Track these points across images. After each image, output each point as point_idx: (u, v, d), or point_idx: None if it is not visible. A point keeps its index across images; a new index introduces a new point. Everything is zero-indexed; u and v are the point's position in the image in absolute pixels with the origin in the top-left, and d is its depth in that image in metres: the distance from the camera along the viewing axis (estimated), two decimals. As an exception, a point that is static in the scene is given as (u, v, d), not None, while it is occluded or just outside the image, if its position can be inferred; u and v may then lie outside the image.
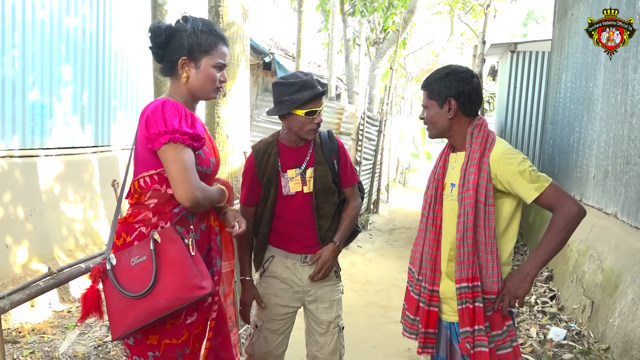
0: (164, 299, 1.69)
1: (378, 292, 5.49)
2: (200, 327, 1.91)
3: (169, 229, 1.77)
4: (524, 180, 1.88)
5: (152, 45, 1.88)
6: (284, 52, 11.23)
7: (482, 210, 1.92)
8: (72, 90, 5.37)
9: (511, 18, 27.48)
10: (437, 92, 2.00)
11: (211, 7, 4.06)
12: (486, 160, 1.93)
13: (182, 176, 1.72)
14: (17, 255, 4.34)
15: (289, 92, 2.32)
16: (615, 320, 3.63)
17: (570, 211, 1.87)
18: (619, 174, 4.50)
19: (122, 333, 1.71)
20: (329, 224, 2.47)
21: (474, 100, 2.01)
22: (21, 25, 4.67)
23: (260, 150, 2.48)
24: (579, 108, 6.01)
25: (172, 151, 1.72)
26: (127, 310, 1.70)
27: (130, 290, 1.70)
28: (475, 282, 1.92)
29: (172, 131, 1.71)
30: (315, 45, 18.41)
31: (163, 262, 1.72)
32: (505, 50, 10.32)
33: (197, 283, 1.73)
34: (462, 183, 1.97)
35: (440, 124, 2.04)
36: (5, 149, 4.55)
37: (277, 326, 2.51)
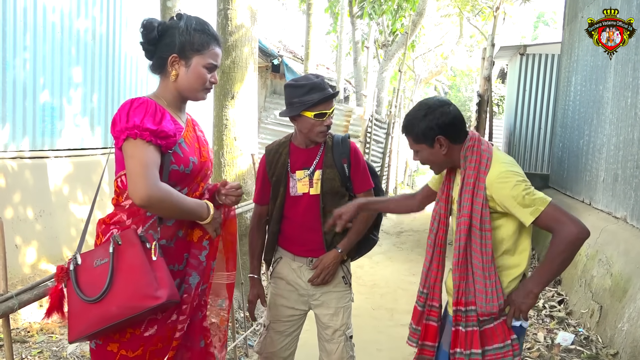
0: (115, 305, 1.60)
1: (385, 295, 5.47)
2: (160, 344, 1.76)
3: (129, 231, 1.69)
4: (518, 205, 1.84)
5: (143, 41, 1.82)
6: (292, 55, 11.26)
7: (477, 235, 1.89)
8: (82, 92, 5.42)
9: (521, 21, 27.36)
10: (422, 135, 1.97)
11: (220, 10, 4.09)
12: (482, 185, 1.90)
13: (135, 172, 1.63)
14: (27, 256, 4.39)
15: (299, 94, 2.32)
16: (624, 325, 3.60)
17: (569, 233, 1.81)
18: (629, 178, 4.47)
19: (75, 337, 1.64)
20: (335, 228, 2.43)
21: (459, 127, 1.98)
22: (32, 28, 4.71)
23: (272, 150, 2.51)
24: (588, 111, 5.98)
25: (130, 147, 1.66)
26: (81, 314, 1.63)
27: (87, 294, 1.63)
28: (470, 307, 1.91)
29: (131, 127, 1.65)
30: (324, 48, 18.45)
31: (120, 266, 1.64)
32: (515, 52, 10.29)
33: (150, 292, 1.61)
34: (459, 206, 1.96)
35: (438, 161, 2.02)
36: (16, 150, 4.59)
37: (283, 327, 2.51)
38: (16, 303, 1.69)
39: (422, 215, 10.96)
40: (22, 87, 4.65)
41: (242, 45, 4.11)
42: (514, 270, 1.96)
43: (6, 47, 4.46)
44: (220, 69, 4.12)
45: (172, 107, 1.84)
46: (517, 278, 1.98)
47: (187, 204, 1.75)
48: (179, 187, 1.79)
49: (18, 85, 4.60)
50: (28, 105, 4.72)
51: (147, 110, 1.70)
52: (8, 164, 4.45)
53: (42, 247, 4.55)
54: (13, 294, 1.72)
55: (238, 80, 4.12)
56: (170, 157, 1.75)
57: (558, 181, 7.32)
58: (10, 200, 4.37)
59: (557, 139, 7.65)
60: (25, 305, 1.73)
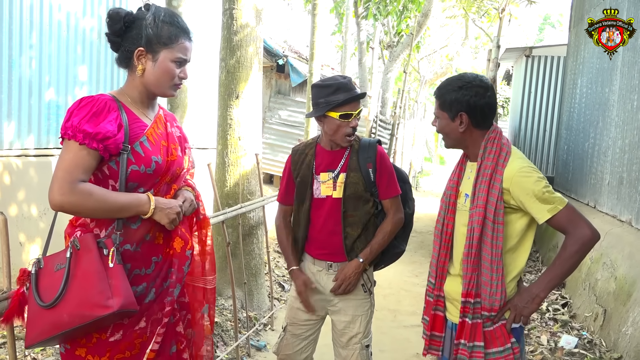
0: (66, 313, 1.55)
1: (388, 296, 5.46)
2: (128, 351, 1.70)
3: (88, 236, 1.63)
4: (537, 200, 1.83)
5: (108, 32, 1.73)
6: (297, 55, 11.26)
7: (490, 227, 1.87)
8: (88, 91, 5.43)
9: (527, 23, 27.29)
10: (448, 104, 1.94)
11: (225, 9, 4.09)
12: (499, 177, 1.87)
13: (54, 175, 1.58)
14: (30, 253, 4.40)
15: (325, 94, 2.29)
16: (628, 329, 3.58)
17: (583, 235, 1.81)
18: (634, 181, 4.45)
19: (30, 342, 1.59)
20: (359, 233, 2.39)
21: (487, 115, 1.95)
22: (38, 26, 4.73)
23: (299, 150, 2.49)
24: (594, 114, 5.95)
25: (63, 147, 1.61)
26: (37, 319, 1.58)
27: (44, 299, 1.58)
28: (477, 299, 1.90)
29: (68, 127, 1.60)
30: (329, 48, 18.44)
31: (76, 272, 1.58)
32: (520, 54, 10.25)
33: (101, 301, 1.54)
34: (472, 198, 1.93)
35: (452, 135, 1.99)
36: (21, 148, 4.61)
37: (300, 331, 2.49)
38: (19, 302, 1.69)
39: (426, 216, 10.95)
40: (28, 85, 4.67)
41: (247, 45, 4.11)
42: (513, 270, 1.95)
43: (12, 45, 4.47)
44: (225, 68, 4.13)
45: (137, 103, 1.77)
46: (515, 278, 1.97)
47: (115, 201, 1.64)
48: (143, 189, 1.72)
49: (24, 83, 4.62)
50: (33, 103, 4.74)
51: (90, 110, 1.62)
52: (13, 162, 4.47)
53: (46, 244, 4.56)
54: (16, 291, 1.72)
55: (242, 79, 4.12)
56: (130, 156, 1.67)
57: (563, 184, 7.29)
58: (14, 198, 4.39)
59: (562, 141, 7.62)
60: (27, 302, 1.73)
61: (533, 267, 6.30)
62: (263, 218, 4.30)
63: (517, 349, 1.93)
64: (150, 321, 1.75)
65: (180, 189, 1.87)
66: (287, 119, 10.58)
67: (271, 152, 10.41)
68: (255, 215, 4.27)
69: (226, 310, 4.13)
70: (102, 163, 1.66)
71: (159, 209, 1.70)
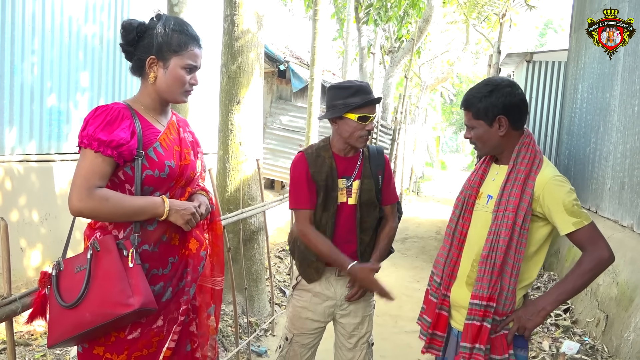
0: (88, 312, 1.61)
1: (389, 302, 5.45)
2: (145, 350, 1.76)
3: (107, 237, 1.69)
4: (565, 211, 1.82)
5: (122, 42, 1.80)
6: (298, 60, 11.29)
7: (517, 232, 1.85)
8: (89, 97, 5.45)
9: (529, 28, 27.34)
10: (483, 111, 1.90)
11: (226, 15, 4.11)
12: (531, 183, 1.86)
13: (72, 182, 1.66)
14: (31, 259, 4.40)
15: (343, 96, 2.28)
16: (630, 334, 3.56)
17: (602, 256, 1.81)
18: (636, 186, 4.44)
19: (52, 342, 1.65)
20: (369, 239, 2.42)
21: (523, 112, 1.94)
22: (40, 32, 4.75)
23: (313, 154, 2.39)
24: (595, 119, 5.95)
25: (80, 156, 1.69)
26: (59, 319, 1.65)
27: (65, 299, 1.64)
28: (491, 303, 1.87)
29: (84, 136, 1.67)
30: (331, 54, 18.48)
31: (97, 273, 1.64)
32: (521, 60, 10.26)
33: (122, 300, 1.61)
34: (499, 201, 1.90)
35: (492, 142, 1.95)
36: (22, 154, 4.62)
37: (308, 340, 2.48)
38: (19, 306, 1.70)
39: (427, 222, 10.94)
40: (30, 90, 4.68)
41: (248, 51, 4.12)
42: (526, 279, 1.94)
43: (14, 51, 4.49)
44: (226, 74, 4.14)
45: (150, 110, 1.82)
46: (525, 288, 1.95)
47: (131, 205, 1.69)
48: (158, 193, 1.77)
49: (25, 89, 4.64)
50: (35, 109, 4.76)
51: (104, 119, 1.69)
52: (14, 167, 4.48)
53: (46, 250, 4.56)
54: (16, 296, 1.72)
55: (244, 85, 4.13)
56: (144, 161, 1.73)
57: (564, 189, 7.28)
58: (16, 203, 4.39)
59: (564, 146, 7.62)
60: (28, 308, 1.74)
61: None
62: (264, 223, 4.30)
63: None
64: (167, 320, 1.81)
65: (194, 193, 1.93)
66: (288, 124, 10.60)
67: (272, 158, 10.41)
68: (256, 220, 4.27)
69: (227, 315, 4.12)
70: (117, 169, 1.72)
71: (174, 211, 1.76)
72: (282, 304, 4.86)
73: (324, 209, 2.36)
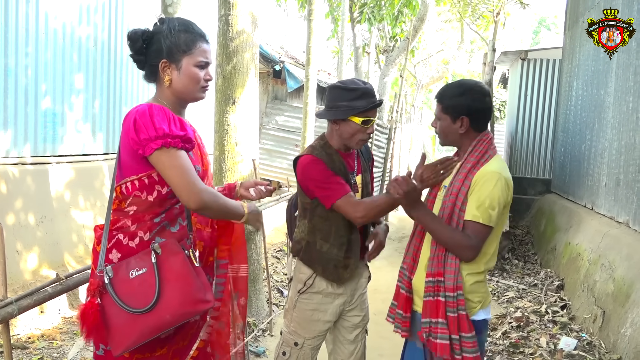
0: (169, 313, 1.64)
1: (386, 301, 5.41)
2: (182, 342, 1.83)
3: (169, 241, 1.73)
4: (476, 203, 1.97)
5: (131, 53, 1.81)
6: (294, 60, 11.28)
7: (456, 214, 2.02)
8: (84, 99, 5.43)
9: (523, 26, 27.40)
10: (451, 108, 2.09)
11: (221, 15, 4.10)
12: (474, 172, 2.02)
13: (184, 180, 1.65)
14: (28, 262, 4.38)
15: (349, 98, 2.26)
16: (627, 330, 3.58)
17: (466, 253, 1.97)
18: (631, 183, 4.46)
19: (126, 349, 1.66)
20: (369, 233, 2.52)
21: (485, 117, 2.12)
22: (34, 35, 4.73)
23: (322, 152, 2.34)
24: (590, 116, 5.97)
25: (165, 156, 1.65)
26: (130, 326, 1.64)
27: (131, 305, 1.64)
28: (439, 278, 2.01)
29: (163, 136, 1.65)
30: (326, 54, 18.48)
31: (166, 275, 1.67)
32: (516, 58, 10.29)
33: (201, 297, 1.70)
34: (448, 187, 2.09)
35: (451, 137, 2.14)
36: (17, 156, 4.60)
37: (319, 342, 2.47)
38: (16, 309, 1.69)
39: (424, 220, 10.94)
40: (24, 93, 4.67)
41: (243, 51, 4.12)
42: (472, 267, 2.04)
43: (8, 53, 4.47)
44: (221, 74, 4.14)
45: (174, 112, 1.81)
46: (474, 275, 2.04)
47: (230, 204, 1.82)
48: None
49: (20, 91, 4.62)
50: (30, 111, 4.74)
51: (168, 116, 1.71)
52: (9, 170, 4.46)
53: (43, 253, 4.54)
54: (12, 299, 1.72)
55: (239, 85, 4.12)
56: None
57: (560, 186, 7.30)
58: (11, 206, 4.38)
59: (559, 143, 7.65)
60: (24, 311, 1.73)
61: (532, 269, 6.31)
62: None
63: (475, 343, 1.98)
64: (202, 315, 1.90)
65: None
66: (284, 125, 10.59)
67: (268, 158, 10.41)
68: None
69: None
70: (152, 169, 1.71)
71: (251, 215, 1.89)
72: (279, 304, 4.86)
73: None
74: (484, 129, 2.12)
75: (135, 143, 1.66)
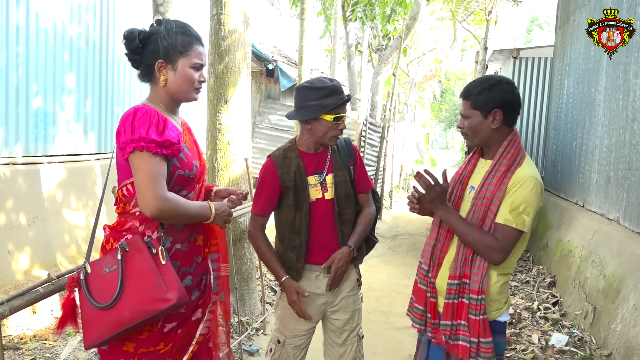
0: (127, 310, 1.66)
1: (380, 299, 5.48)
2: (184, 339, 1.88)
3: (136, 238, 1.74)
4: (510, 207, 1.93)
5: (127, 52, 1.85)
6: (287, 59, 11.28)
7: (489, 218, 1.96)
8: (76, 98, 5.41)
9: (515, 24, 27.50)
10: (482, 102, 2.00)
11: (213, 15, 4.09)
12: (510, 176, 1.96)
13: (143, 185, 1.68)
14: (20, 262, 4.37)
15: (318, 97, 2.27)
16: (617, 326, 3.61)
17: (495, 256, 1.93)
18: (621, 180, 4.49)
19: (91, 343, 1.70)
20: (350, 231, 2.43)
21: (517, 111, 2.05)
22: (25, 34, 4.71)
23: (280, 155, 2.39)
24: (581, 114, 6.01)
25: (137, 160, 1.69)
26: (95, 321, 1.68)
27: (99, 301, 1.68)
28: (465, 279, 1.98)
29: (137, 139, 1.68)
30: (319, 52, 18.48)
31: (129, 272, 1.69)
32: (508, 56, 10.33)
33: (160, 295, 1.68)
34: (479, 190, 2.01)
35: (483, 134, 2.04)
36: (9, 157, 4.58)
37: (301, 341, 2.48)
38: (7, 309, 1.69)
39: (418, 218, 10.97)
40: (15, 93, 4.64)
41: (235, 50, 4.11)
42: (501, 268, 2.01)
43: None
44: (213, 73, 4.13)
45: (167, 112, 1.86)
46: (503, 276, 2.02)
47: (193, 208, 1.82)
48: (184, 192, 1.86)
49: (11, 91, 4.59)
50: (21, 111, 4.71)
51: (150, 120, 1.73)
52: (1, 170, 4.44)
53: (35, 253, 4.53)
54: (4, 300, 1.71)
55: (231, 84, 4.12)
56: (177, 162, 1.80)
57: (552, 183, 7.35)
58: (3, 207, 4.35)
59: (551, 141, 7.69)
60: (16, 311, 1.73)
61: (524, 266, 6.34)
62: (254, 222, 4.29)
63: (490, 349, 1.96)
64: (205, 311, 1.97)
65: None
66: (278, 124, 10.59)
67: (262, 157, 10.39)
68: (245, 220, 4.26)
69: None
70: None
71: (217, 216, 1.90)
72: (273, 303, 4.86)
73: (297, 209, 2.36)
74: (514, 124, 2.06)
75: (118, 147, 1.74)
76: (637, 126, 4.22)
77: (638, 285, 3.57)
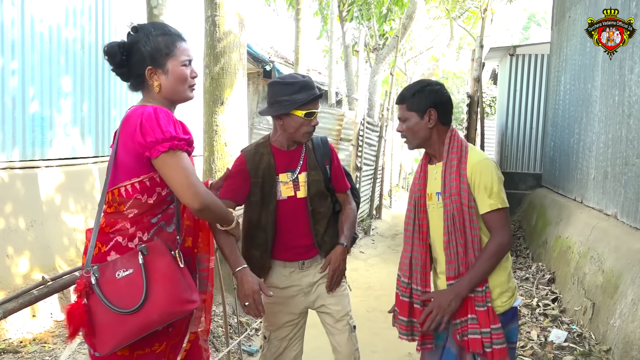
0: (156, 313, 1.66)
1: (380, 297, 5.48)
2: (176, 337, 1.88)
3: (157, 242, 1.75)
4: (486, 192, 2.01)
5: (112, 68, 1.81)
6: (284, 60, 11.28)
7: (466, 212, 2.03)
8: (72, 102, 5.41)
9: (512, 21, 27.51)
10: (416, 104, 2.10)
11: (207, 16, 4.10)
12: (464, 167, 2.05)
13: (187, 182, 1.70)
14: (19, 266, 4.37)
15: (289, 92, 2.27)
16: (615, 321, 3.62)
17: (502, 241, 2.00)
18: (618, 175, 4.50)
19: (112, 348, 1.66)
20: (325, 229, 2.43)
21: (449, 110, 2.14)
22: (20, 38, 4.71)
23: (251, 150, 2.39)
24: (578, 110, 6.02)
25: (173, 158, 1.69)
26: (117, 326, 1.65)
27: (119, 305, 1.65)
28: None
29: (170, 138, 1.67)
30: (316, 53, 18.49)
31: (153, 276, 1.69)
32: (505, 53, 10.34)
33: (188, 297, 1.72)
34: (443, 190, 2.08)
35: (421, 133, 2.13)
36: (6, 161, 4.58)
37: (286, 333, 2.48)
38: (1, 312, 1.68)
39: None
40: (12, 97, 4.64)
41: (231, 52, 4.12)
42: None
43: (-6, 57, 4.45)
44: (209, 75, 4.15)
45: None
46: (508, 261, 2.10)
47: (224, 208, 1.92)
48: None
49: (7, 95, 4.59)
50: (17, 116, 4.71)
51: (173, 119, 1.74)
52: (-2, 175, 4.44)
53: (34, 257, 4.53)
54: (-2, 303, 1.71)
55: (227, 86, 4.13)
56: None
57: (550, 180, 7.35)
58: (1, 211, 4.36)
59: (549, 138, 7.69)
60: (10, 314, 1.72)
61: (524, 263, 6.35)
62: (252, 223, 4.29)
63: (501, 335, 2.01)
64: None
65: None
66: (276, 124, 10.58)
67: (260, 158, 10.39)
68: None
69: (217, 316, 4.12)
70: (153, 172, 1.75)
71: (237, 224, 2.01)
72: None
73: (263, 205, 2.35)
74: (450, 122, 2.15)
75: (141, 145, 1.68)
76: (633, 121, 4.23)
77: (636, 280, 3.57)
